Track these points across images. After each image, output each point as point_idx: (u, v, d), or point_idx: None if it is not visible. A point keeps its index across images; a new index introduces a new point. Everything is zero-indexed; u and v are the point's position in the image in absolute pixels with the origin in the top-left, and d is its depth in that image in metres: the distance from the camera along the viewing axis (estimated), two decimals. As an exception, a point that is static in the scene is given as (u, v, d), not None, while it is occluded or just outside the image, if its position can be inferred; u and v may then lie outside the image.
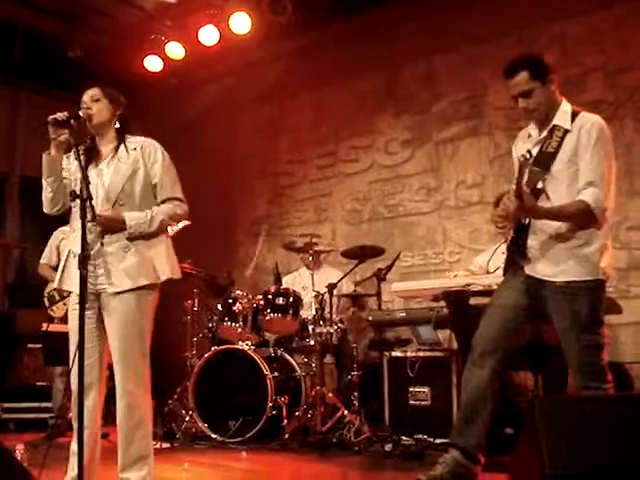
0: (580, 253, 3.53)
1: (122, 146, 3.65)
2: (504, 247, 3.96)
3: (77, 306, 3.34)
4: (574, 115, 3.61)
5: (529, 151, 3.52)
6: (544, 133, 3.65)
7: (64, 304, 6.17)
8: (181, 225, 5.59)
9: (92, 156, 3.67)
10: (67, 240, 6.26)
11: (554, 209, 3.53)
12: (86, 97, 3.66)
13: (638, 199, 6.02)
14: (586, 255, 3.52)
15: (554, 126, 3.61)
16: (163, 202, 3.64)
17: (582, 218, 3.49)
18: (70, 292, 3.67)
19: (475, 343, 3.80)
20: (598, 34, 6.36)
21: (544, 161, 3.57)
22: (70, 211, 3.69)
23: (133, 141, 3.68)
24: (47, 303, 6.31)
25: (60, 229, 6.46)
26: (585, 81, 6.35)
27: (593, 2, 6.35)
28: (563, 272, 3.54)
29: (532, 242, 3.65)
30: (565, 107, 3.67)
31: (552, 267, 3.58)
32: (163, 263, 3.60)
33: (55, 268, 6.38)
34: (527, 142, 3.76)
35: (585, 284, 3.51)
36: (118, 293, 3.49)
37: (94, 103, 3.64)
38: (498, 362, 3.75)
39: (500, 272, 4.09)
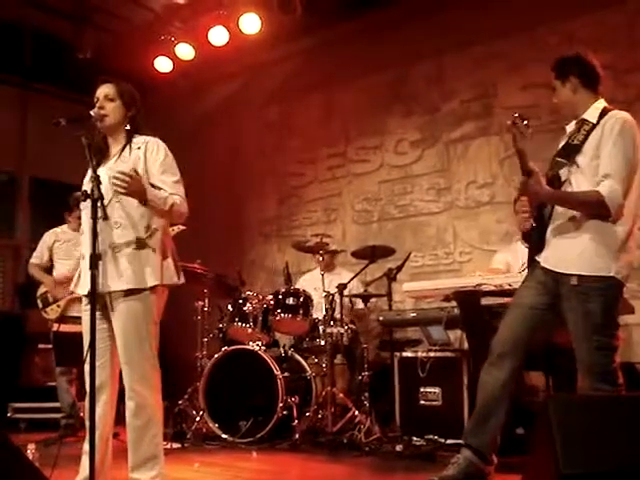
0: (596, 247, 3.50)
1: (128, 146, 3.62)
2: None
3: (88, 307, 3.35)
4: (605, 112, 3.64)
5: (520, 115, 3.57)
6: (573, 127, 3.70)
7: (58, 306, 6.24)
8: (177, 229, 5.62)
9: (103, 156, 3.66)
10: (60, 242, 6.38)
11: (563, 193, 3.55)
12: (100, 94, 3.63)
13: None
14: (602, 250, 3.49)
15: (583, 120, 3.65)
16: None
17: (593, 209, 3.49)
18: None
19: (494, 344, 3.79)
20: (608, 33, 6.33)
21: (569, 153, 3.61)
22: (71, 212, 3.68)
23: (137, 141, 3.65)
24: (40, 305, 6.37)
25: (52, 230, 6.54)
26: (596, 80, 6.32)
27: (603, 1, 6.33)
28: (576, 265, 3.52)
29: (550, 231, 3.66)
30: (599, 104, 3.70)
31: (566, 259, 3.57)
32: (157, 269, 3.52)
33: (45, 269, 6.42)
34: (562, 137, 3.80)
35: (598, 282, 3.48)
36: (122, 295, 3.47)
37: (108, 102, 3.62)
38: (517, 363, 3.75)
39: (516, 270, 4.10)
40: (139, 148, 3.62)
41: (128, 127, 3.66)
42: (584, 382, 3.55)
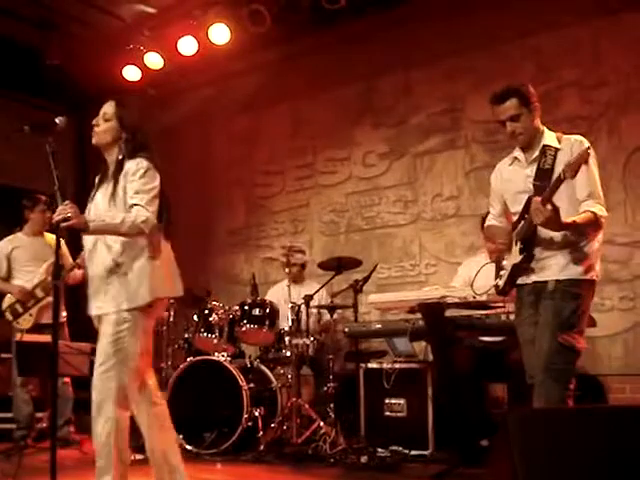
0: (576, 256, 3.69)
1: (120, 166, 3.57)
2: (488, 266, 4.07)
3: None
4: (559, 139, 3.85)
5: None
6: (536, 153, 3.84)
7: (30, 315, 6.08)
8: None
9: (103, 175, 3.67)
10: (19, 249, 6.22)
11: (573, 222, 3.65)
12: (101, 112, 3.63)
13: (611, 213, 6.06)
14: (581, 258, 3.69)
15: (545, 146, 3.81)
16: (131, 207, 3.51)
17: (590, 227, 3.70)
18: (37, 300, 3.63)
19: (529, 379, 3.83)
20: (574, 49, 6.42)
21: (543, 177, 3.74)
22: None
23: (126, 166, 3.58)
24: (10, 317, 6.14)
25: (8, 238, 6.35)
26: (560, 96, 6.40)
27: (569, 17, 6.41)
28: (555, 272, 3.70)
29: (538, 256, 3.78)
30: (550, 133, 3.90)
31: (547, 270, 3.73)
32: (144, 287, 3.48)
33: (5, 279, 6.26)
34: (516, 165, 3.96)
35: (574, 285, 3.66)
36: (102, 315, 3.47)
37: (103, 122, 3.61)
38: None
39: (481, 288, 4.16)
40: (126, 170, 3.56)
41: (121, 156, 3.59)
42: (537, 376, 3.66)
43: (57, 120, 3.50)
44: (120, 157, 3.60)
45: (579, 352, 3.67)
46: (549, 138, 3.85)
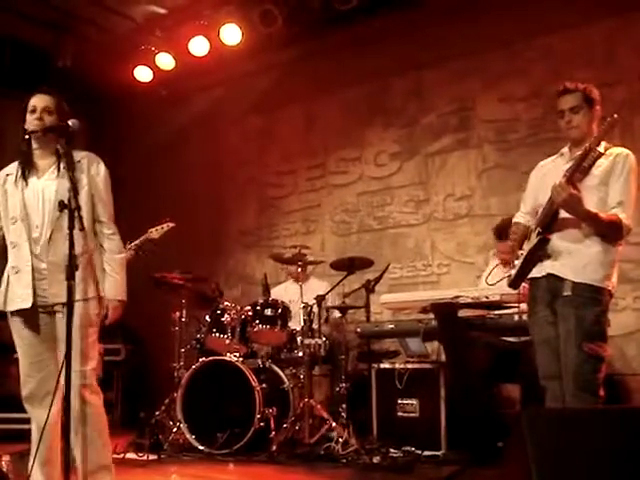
0: (599, 261, 3.68)
1: (65, 159, 3.53)
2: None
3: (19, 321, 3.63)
4: (606, 148, 3.84)
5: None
6: (581, 151, 3.80)
7: None
8: (166, 227, 5.61)
9: (28, 166, 3.62)
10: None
11: (596, 214, 3.66)
12: (39, 105, 3.64)
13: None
14: (603, 263, 3.69)
15: (590, 147, 3.76)
16: (97, 223, 3.61)
17: (611, 231, 3.70)
18: None
19: (542, 382, 3.84)
20: (586, 49, 6.39)
21: (576, 170, 3.73)
22: None
23: (75, 155, 3.59)
24: None
25: None
26: (573, 95, 6.36)
27: (581, 16, 6.38)
28: (578, 273, 3.67)
29: (557, 242, 3.77)
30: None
31: (570, 267, 3.70)
32: (91, 282, 3.53)
33: None
34: (559, 159, 3.99)
35: (595, 292, 3.64)
36: (62, 304, 3.40)
37: (45, 114, 3.61)
38: None
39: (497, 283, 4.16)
40: (79, 161, 3.58)
41: (59, 146, 3.59)
42: (567, 388, 3.64)
43: (70, 122, 3.51)
44: (62, 149, 3.57)
45: (605, 358, 3.66)
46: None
